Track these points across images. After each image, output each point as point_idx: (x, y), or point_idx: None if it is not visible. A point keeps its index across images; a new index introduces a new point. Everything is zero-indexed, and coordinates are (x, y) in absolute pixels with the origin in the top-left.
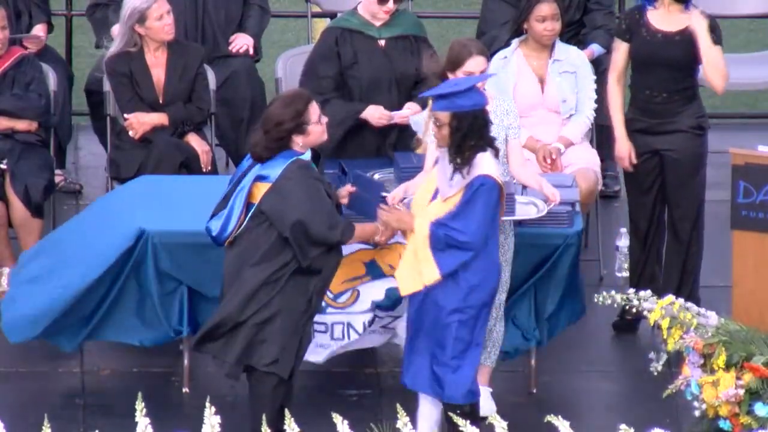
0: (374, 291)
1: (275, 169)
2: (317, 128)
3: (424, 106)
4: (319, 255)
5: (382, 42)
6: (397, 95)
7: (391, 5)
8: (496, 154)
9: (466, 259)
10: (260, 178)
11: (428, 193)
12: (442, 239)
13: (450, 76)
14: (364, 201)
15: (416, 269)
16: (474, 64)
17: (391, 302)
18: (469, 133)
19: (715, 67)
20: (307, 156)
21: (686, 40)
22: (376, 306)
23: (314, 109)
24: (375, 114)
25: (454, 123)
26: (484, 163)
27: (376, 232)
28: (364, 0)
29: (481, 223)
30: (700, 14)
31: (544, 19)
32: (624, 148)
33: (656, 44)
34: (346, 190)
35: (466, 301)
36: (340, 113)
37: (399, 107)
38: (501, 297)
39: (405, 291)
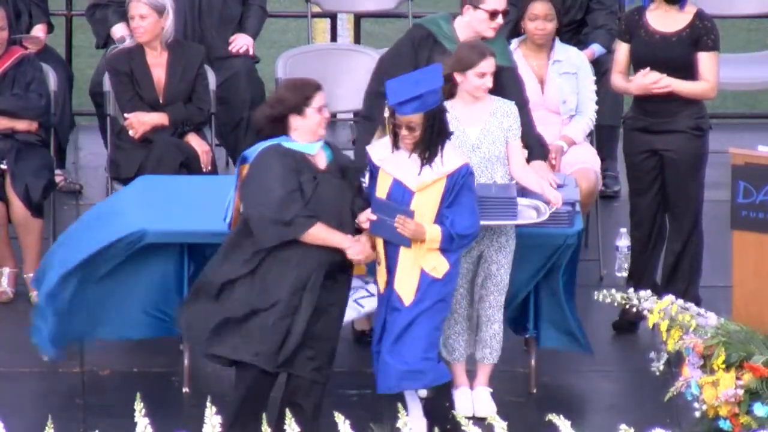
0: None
1: (256, 151)
2: (315, 116)
3: None
4: (288, 247)
5: None
6: None
7: (500, 20)
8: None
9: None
10: (243, 159)
11: (385, 191)
12: (451, 238)
13: (459, 77)
14: (387, 226)
15: (415, 274)
16: (487, 65)
17: None
18: (440, 128)
19: (699, 96)
20: (308, 149)
21: (684, 41)
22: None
23: (320, 98)
24: None
25: (427, 122)
26: (453, 151)
27: (344, 242)
28: (471, 18)
29: (476, 211)
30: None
31: (536, 17)
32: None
33: (654, 45)
34: (365, 216)
35: (447, 291)
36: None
37: None
38: (500, 298)
39: (409, 300)
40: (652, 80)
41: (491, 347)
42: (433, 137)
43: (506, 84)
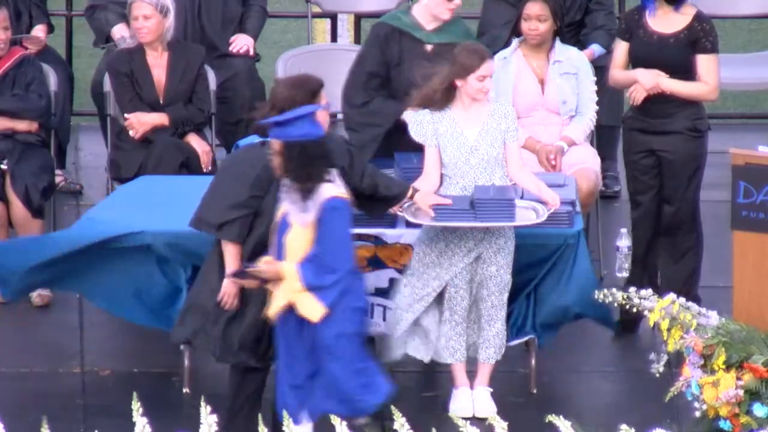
0: (377, 279)
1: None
2: (323, 115)
3: None
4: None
5: (429, 47)
6: None
7: (457, 1)
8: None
9: (341, 286)
10: (236, 147)
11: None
12: (311, 270)
13: (459, 82)
14: None
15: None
16: (487, 68)
17: (394, 290)
18: (301, 164)
19: (699, 98)
20: None
21: (681, 42)
22: (376, 292)
23: (324, 96)
24: None
25: (285, 152)
26: (332, 186)
27: (228, 268)
28: (429, 1)
29: (340, 244)
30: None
31: (529, 18)
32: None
33: (652, 45)
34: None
35: (347, 324)
36: (382, 115)
37: None
38: (502, 297)
39: (274, 309)
40: (634, 98)
41: (495, 346)
42: (296, 171)
43: None
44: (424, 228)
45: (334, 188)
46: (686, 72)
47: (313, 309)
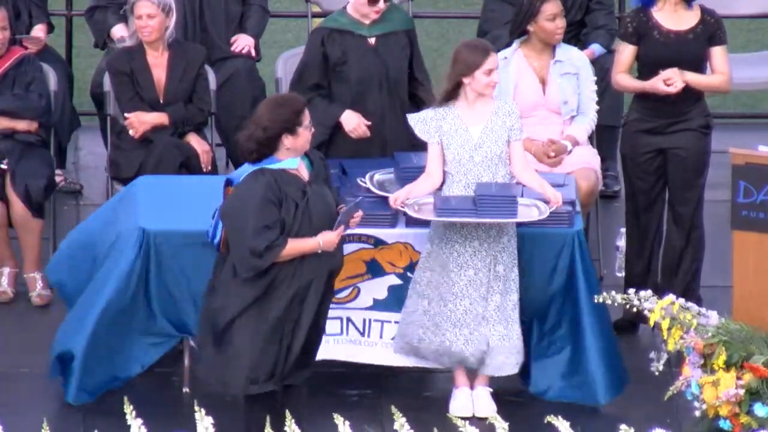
0: (375, 288)
1: (241, 175)
2: (306, 133)
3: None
4: (283, 265)
5: (372, 40)
6: (387, 94)
7: (381, 5)
8: None
9: None
10: (229, 182)
11: None
12: None
13: (466, 80)
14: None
15: None
16: (492, 61)
17: (393, 300)
18: None
19: (718, 89)
20: (290, 164)
21: (699, 37)
22: (374, 304)
23: (307, 114)
24: (351, 123)
25: None
26: None
27: (313, 244)
28: (354, 1)
29: None
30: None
31: (555, 17)
32: (656, 82)
33: (670, 45)
34: (359, 217)
35: None
36: (319, 115)
37: (390, 105)
38: (513, 297)
39: None
40: (675, 85)
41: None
42: None
43: (415, 44)
44: (428, 242)
45: None
46: (700, 66)
47: None
